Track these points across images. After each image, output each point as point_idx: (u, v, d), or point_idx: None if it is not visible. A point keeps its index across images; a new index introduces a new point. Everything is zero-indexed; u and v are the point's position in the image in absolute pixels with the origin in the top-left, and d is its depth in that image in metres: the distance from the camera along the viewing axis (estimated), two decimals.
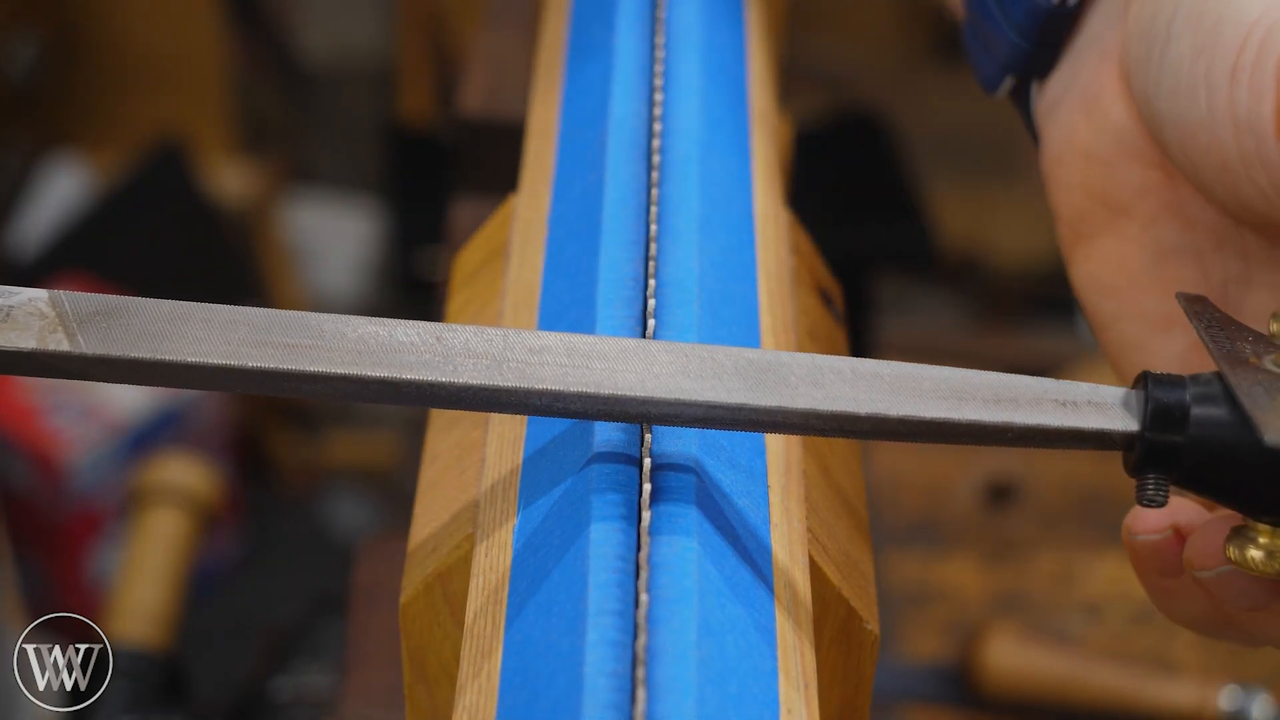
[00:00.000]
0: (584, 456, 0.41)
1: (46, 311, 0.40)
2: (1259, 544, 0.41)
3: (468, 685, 0.40)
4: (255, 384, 0.40)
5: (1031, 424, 0.40)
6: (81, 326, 0.40)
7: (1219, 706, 0.94)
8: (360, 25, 2.52)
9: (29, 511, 1.75)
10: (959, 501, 1.12)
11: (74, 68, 2.02)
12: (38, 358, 0.39)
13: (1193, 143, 0.46)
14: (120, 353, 0.40)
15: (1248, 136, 0.44)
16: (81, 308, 0.40)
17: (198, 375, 0.40)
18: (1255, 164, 0.44)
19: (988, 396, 0.40)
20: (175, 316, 0.40)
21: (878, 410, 0.40)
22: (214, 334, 0.40)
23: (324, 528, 1.99)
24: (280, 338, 0.40)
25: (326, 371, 0.40)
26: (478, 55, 0.99)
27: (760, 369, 0.40)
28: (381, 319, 0.41)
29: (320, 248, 2.27)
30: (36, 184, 2.02)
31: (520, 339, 0.40)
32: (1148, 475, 0.40)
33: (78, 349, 0.39)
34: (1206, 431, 0.40)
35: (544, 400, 0.40)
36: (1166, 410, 0.40)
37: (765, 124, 0.57)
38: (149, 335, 0.40)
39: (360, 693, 0.83)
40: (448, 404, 0.40)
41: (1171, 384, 0.40)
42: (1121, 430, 0.40)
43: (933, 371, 0.41)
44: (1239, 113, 0.44)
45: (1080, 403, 0.41)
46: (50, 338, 0.39)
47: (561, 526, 0.40)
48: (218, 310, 0.41)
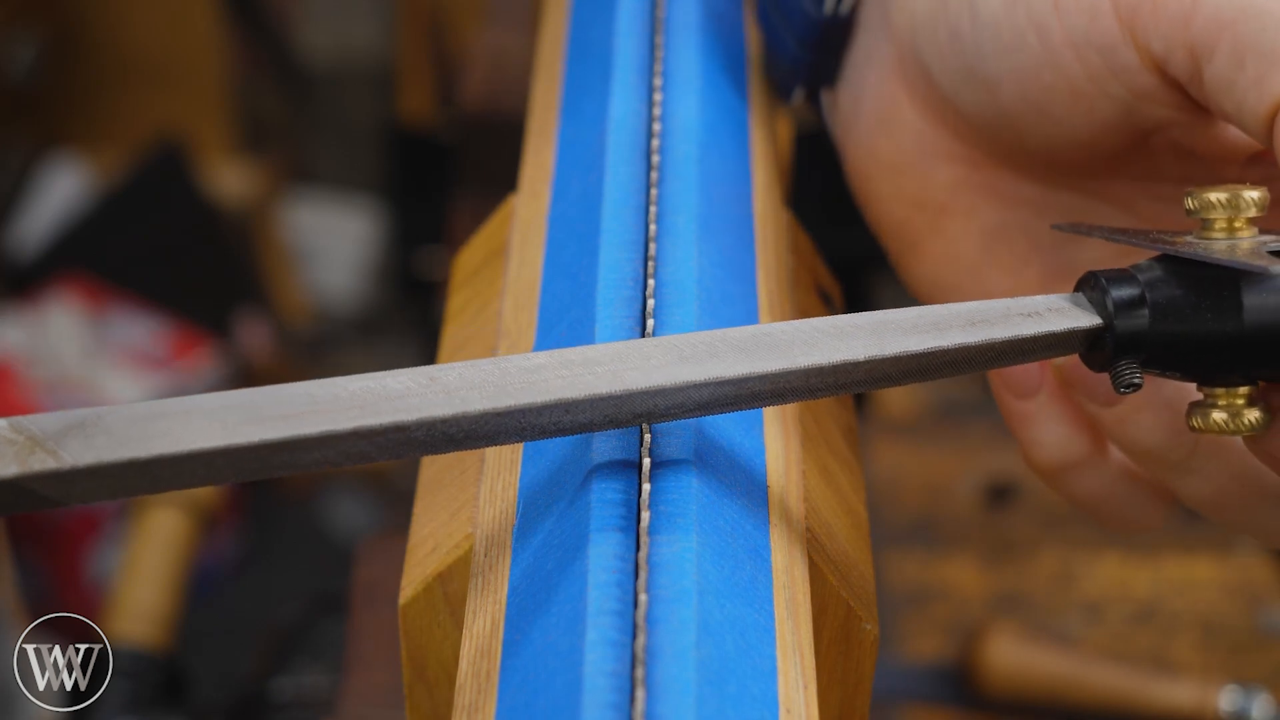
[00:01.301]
0: (583, 457, 0.41)
1: (14, 437, 0.36)
2: (1219, 406, 0.44)
3: (467, 685, 0.40)
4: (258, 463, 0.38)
5: (1009, 337, 0.42)
6: (60, 442, 0.36)
7: (1219, 706, 0.94)
8: (360, 25, 2.52)
9: (29, 511, 1.74)
10: (959, 501, 1.12)
11: (74, 68, 2.02)
12: (24, 484, 0.36)
13: (1035, 84, 0.47)
14: (112, 458, 0.36)
15: (1091, 54, 0.46)
16: (48, 426, 0.37)
17: (198, 465, 0.37)
18: (1108, 78, 0.46)
19: (962, 322, 0.42)
20: (152, 415, 0.37)
21: (873, 353, 0.41)
22: (202, 422, 0.37)
23: (324, 528, 1.99)
24: (274, 411, 0.38)
25: (334, 431, 0.38)
26: (478, 55, 0.99)
27: (752, 342, 0.41)
28: (368, 374, 0.39)
29: (320, 248, 2.27)
30: (36, 184, 2.02)
31: (513, 363, 0.40)
32: (1119, 362, 0.43)
33: (66, 464, 0.36)
34: (1164, 310, 0.43)
35: (553, 415, 0.40)
36: (1127, 299, 0.43)
37: (765, 124, 0.57)
38: (134, 436, 0.37)
39: (360, 693, 0.83)
40: (455, 443, 0.39)
41: (1122, 276, 0.43)
42: (1088, 326, 0.43)
43: (904, 312, 0.42)
44: (1076, 36, 0.46)
45: (1042, 311, 0.43)
46: (31, 459, 0.36)
47: (561, 526, 0.40)
48: (195, 400, 0.38)
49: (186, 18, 2.00)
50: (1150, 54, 0.45)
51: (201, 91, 2.04)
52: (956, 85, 0.49)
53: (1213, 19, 0.43)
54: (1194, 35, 0.43)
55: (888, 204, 0.52)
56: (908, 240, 0.53)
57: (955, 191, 0.51)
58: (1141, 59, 0.45)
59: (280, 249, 2.14)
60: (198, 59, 2.02)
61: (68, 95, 2.05)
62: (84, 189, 2.01)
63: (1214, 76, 0.43)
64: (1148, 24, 0.44)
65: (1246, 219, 0.43)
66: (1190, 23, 0.43)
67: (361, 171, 2.35)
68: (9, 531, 1.55)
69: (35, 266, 1.92)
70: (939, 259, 0.52)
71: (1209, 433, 0.44)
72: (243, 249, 2.04)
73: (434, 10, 2.11)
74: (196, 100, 2.04)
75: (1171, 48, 0.44)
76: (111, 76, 2.03)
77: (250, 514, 1.96)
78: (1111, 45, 0.45)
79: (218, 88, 2.05)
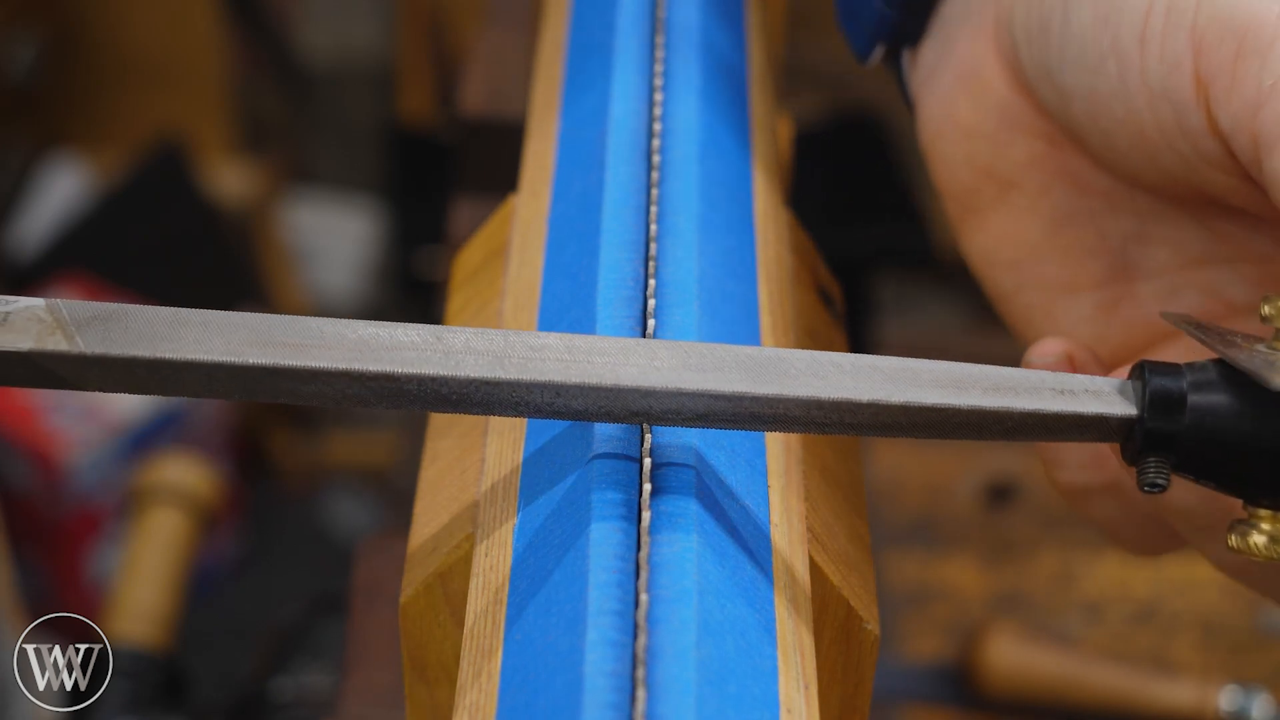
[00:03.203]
0: (584, 455, 0.41)
1: (44, 317, 0.39)
2: (1261, 530, 0.41)
3: (468, 685, 0.40)
4: (254, 384, 0.39)
5: (1030, 409, 0.40)
6: (80, 329, 0.39)
7: (1219, 706, 0.94)
8: (360, 25, 2.52)
9: (29, 511, 1.75)
10: (959, 501, 1.12)
11: (74, 68, 2.02)
12: (34, 359, 0.39)
13: (1105, 114, 0.45)
14: (119, 352, 0.39)
15: (1164, 106, 0.44)
16: (79, 313, 0.40)
17: (197, 374, 0.39)
18: (1175, 133, 0.44)
19: (986, 385, 0.40)
20: (174, 320, 0.40)
21: (878, 398, 0.40)
22: (213, 335, 0.40)
23: (324, 528, 1.99)
24: (280, 337, 0.40)
25: (327, 368, 0.39)
26: (478, 55, 0.99)
27: (761, 363, 0.41)
28: (381, 322, 0.41)
29: (320, 248, 2.27)
30: (36, 184, 2.02)
31: (521, 338, 0.40)
32: (1148, 459, 0.41)
33: (76, 349, 0.39)
34: (1204, 415, 0.40)
35: (545, 396, 0.40)
36: (1165, 394, 0.40)
37: (765, 124, 0.57)
38: (147, 336, 0.39)
39: (360, 693, 0.83)
40: (448, 403, 0.40)
41: (1168, 370, 0.41)
42: (1120, 415, 0.41)
43: (931, 364, 0.41)
44: (1152, 82, 0.44)
45: (1078, 391, 0.41)
46: (49, 339, 0.39)
47: (561, 526, 0.40)
48: (215, 315, 0.40)
49: (186, 18, 2.00)
50: (1218, 127, 0.43)
51: (201, 91, 2.04)
52: (1036, 77, 0.47)
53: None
54: (1260, 125, 0.42)
55: (957, 168, 0.50)
56: (971, 208, 0.51)
57: (1029, 167, 0.49)
58: (1209, 128, 0.43)
59: (280, 249, 2.14)
60: (198, 59, 2.02)
61: (68, 95, 2.05)
62: (84, 189, 2.01)
63: (1273, 171, 0.41)
64: (1220, 97, 0.42)
65: None
66: (1260, 112, 0.41)
67: (361, 171, 2.35)
68: (9, 531, 1.55)
69: (35, 266, 1.92)
70: (1001, 233, 0.50)
71: (1246, 555, 0.41)
72: (243, 249, 2.04)
73: (434, 10, 2.11)
74: (196, 100, 2.04)
75: (1237, 129, 0.42)
76: (111, 76, 2.03)
77: (250, 514, 1.96)
78: (1184, 105, 0.43)
79: (218, 88, 2.05)
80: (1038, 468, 1.13)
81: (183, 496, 1.11)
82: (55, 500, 1.74)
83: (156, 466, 1.13)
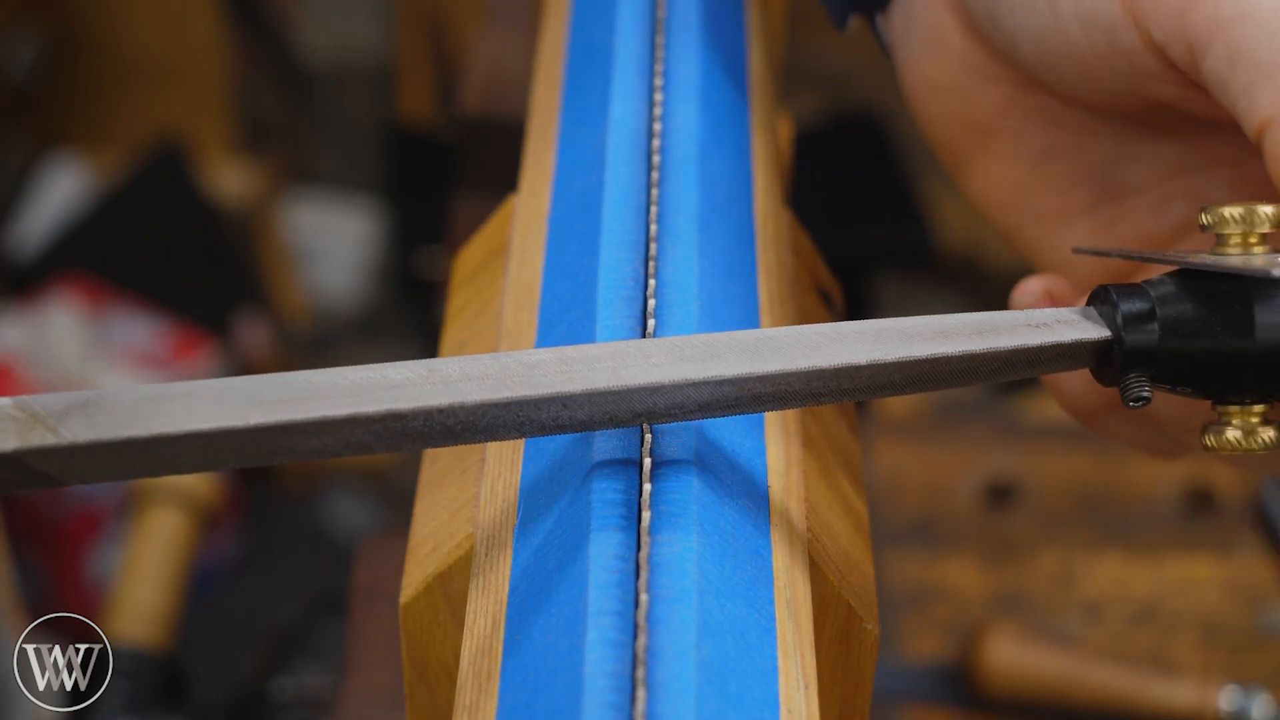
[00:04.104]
0: (584, 456, 0.41)
1: (16, 414, 0.37)
2: (1234, 425, 0.43)
3: (468, 685, 0.40)
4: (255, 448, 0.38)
5: (1014, 346, 0.42)
6: (61, 420, 0.37)
7: (1219, 706, 0.94)
8: (360, 25, 2.52)
9: (29, 511, 1.75)
10: (959, 501, 1.12)
11: (74, 68, 2.02)
12: (22, 458, 0.36)
13: (1047, 50, 0.47)
14: (111, 435, 0.37)
15: (1096, 31, 0.45)
16: (52, 405, 0.37)
17: (197, 445, 0.37)
18: (1113, 55, 0.46)
19: (968, 331, 0.42)
20: (154, 397, 0.38)
21: (875, 358, 0.41)
22: (202, 405, 0.38)
23: (324, 528, 1.99)
24: (272, 396, 0.38)
25: (331, 416, 0.38)
26: (478, 55, 0.99)
27: (754, 344, 0.41)
28: (369, 365, 0.39)
29: (320, 248, 2.27)
30: (36, 184, 2.02)
31: (513, 358, 0.40)
32: (1128, 375, 0.43)
33: (65, 440, 0.36)
34: (1174, 325, 0.42)
35: (551, 410, 0.39)
36: (1136, 313, 0.42)
37: (765, 124, 0.57)
38: (135, 416, 0.37)
39: (360, 693, 0.83)
40: (452, 435, 0.39)
41: (1133, 290, 0.43)
42: (1095, 339, 0.43)
43: (911, 320, 0.42)
44: (1082, 12, 0.45)
45: (1050, 323, 0.43)
46: (31, 435, 0.36)
47: (561, 526, 0.40)
48: (196, 385, 0.38)
49: (186, 18, 2.00)
50: (1151, 39, 0.44)
51: (201, 91, 2.04)
52: (984, 25, 0.49)
53: (1210, 17, 0.43)
54: (1190, 30, 0.43)
55: (938, 124, 0.52)
56: (959, 159, 0.52)
57: (1003, 112, 0.51)
58: (1143, 42, 0.45)
59: (280, 249, 2.14)
60: (198, 59, 2.02)
61: (68, 95, 2.05)
62: (84, 189, 2.01)
63: (1209, 72, 0.43)
64: (1148, 11, 0.44)
65: (1261, 234, 0.42)
66: (1188, 17, 0.43)
67: (361, 171, 2.35)
68: (9, 531, 1.55)
69: (35, 266, 1.92)
70: (990, 178, 0.52)
71: (1223, 452, 0.43)
72: (243, 249, 2.04)
73: (434, 10, 2.11)
74: (196, 100, 2.04)
75: (1170, 38, 0.44)
76: (111, 76, 2.03)
77: (250, 514, 1.96)
78: (1114, 25, 0.45)
79: (218, 88, 2.05)
80: (1038, 468, 1.13)
81: (183, 496, 1.11)
82: (55, 500, 1.74)
83: None
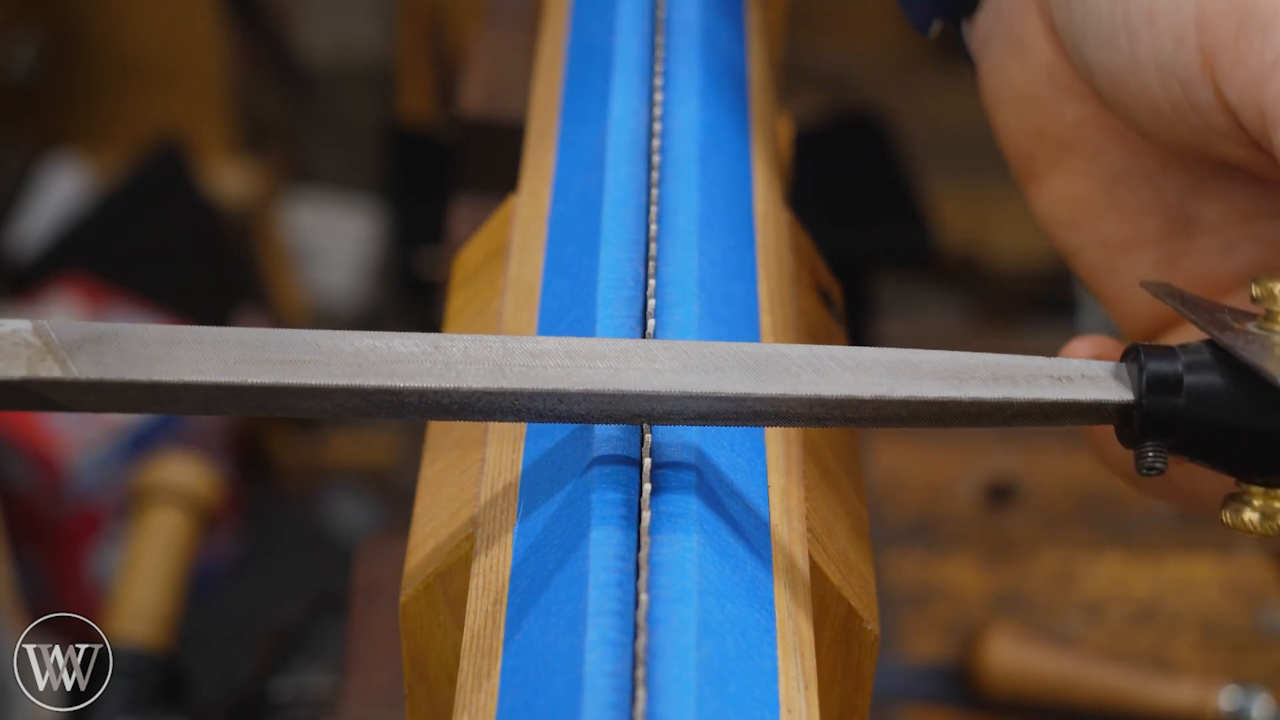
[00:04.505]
0: (584, 456, 0.41)
1: (33, 340, 0.39)
2: (1254, 506, 0.42)
3: (468, 685, 0.40)
4: (253, 403, 0.39)
5: (1030, 399, 0.41)
6: (71, 353, 0.38)
7: (1219, 706, 0.94)
8: (360, 25, 2.52)
9: (29, 511, 1.75)
10: (959, 501, 1.12)
11: (74, 68, 2.02)
12: (29, 387, 0.38)
13: (1122, 88, 0.46)
14: (115, 376, 0.38)
15: (1173, 81, 0.44)
16: (68, 335, 0.39)
17: (195, 395, 0.39)
18: (1186, 108, 0.45)
19: (985, 375, 0.41)
20: (166, 339, 0.39)
21: (881, 393, 0.40)
22: (208, 354, 0.39)
23: (324, 528, 1.99)
24: (276, 354, 0.39)
25: (327, 384, 0.39)
26: (478, 55, 0.99)
27: (761, 360, 0.41)
28: (377, 333, 0.40)
29: (320, 248, 2.27)
30: (36, 184, 2.02)
31: (520, 344, 0.40)
32: (1146, 443, 0.41)
33: (70, 375, 0.38)
34: (1200, 396, 0.41)
35: (548, 403, 0.40)
36: (1161, 378, 0.41)
37: (765, 124, 0.57)
38: (142, 358, 0.39)
39: (360, 693, 0.83)
40: (449, 412, 0.40)
41: (1163, 353, 0.41)
42: (1117, 400, 0.41)
43: (929, 355, 0.41)
44: (1161, 58, 0.44)
45: (1074, 377, 0.41)
46: (40, 365, 0.38)
47: (561, 526, 0.40)
48: (208, 331, 0.39)
49: (186, 18, 2.00)
50: (1226, 101, 0.43)
51: (201, 91, 2.04)
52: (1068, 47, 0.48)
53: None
54: (1266, 99, 0.42)
55: (1014, 132, 0.51)
56: (1031, 171, 0.51)
57: (1081, 129, 0.50)
58: (1218, 102, 0.44)
59: (280, 249, 2.14)
60: (198, 59, 2.02)
61: (68, 95, 2.05)
62: (84, 189, 2.01)
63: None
64: (1225, 72, 0.43)
65: None
66: (1265, 85, 0.42)
67: (361, 171, 2.35)
68: (9, 531, 1.55)
69: (35, 266, 1.92)
70: (1060, 195, 0.51)
71: (1239, 532, 0.42)
72: (243, 249, 2.04)
73: (434, 10, 2.11)
74: (196, 100, 2.04)
75: (1244, 103, 0.43)
76: (111, 76, 2.03)
77: (250, 514, 1.96)
78: (1191, 80, 0.44)
79: (218, 88, 2.05)
80: (1038, 468, 1.13)
81: (183, 496, 1.11)
82: (55, 500, 1.74)
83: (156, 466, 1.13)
